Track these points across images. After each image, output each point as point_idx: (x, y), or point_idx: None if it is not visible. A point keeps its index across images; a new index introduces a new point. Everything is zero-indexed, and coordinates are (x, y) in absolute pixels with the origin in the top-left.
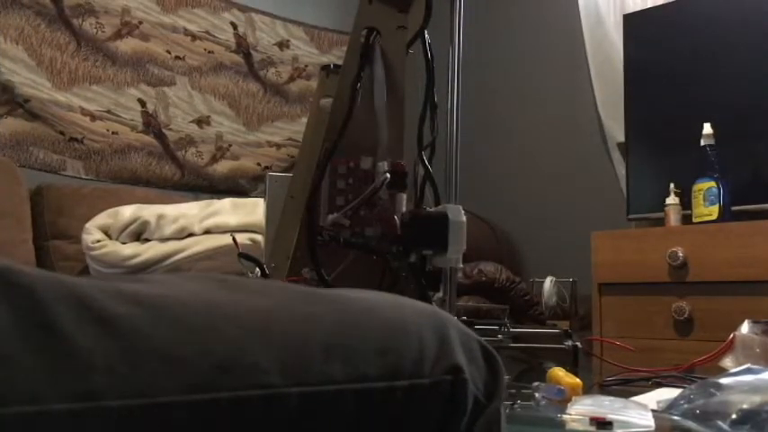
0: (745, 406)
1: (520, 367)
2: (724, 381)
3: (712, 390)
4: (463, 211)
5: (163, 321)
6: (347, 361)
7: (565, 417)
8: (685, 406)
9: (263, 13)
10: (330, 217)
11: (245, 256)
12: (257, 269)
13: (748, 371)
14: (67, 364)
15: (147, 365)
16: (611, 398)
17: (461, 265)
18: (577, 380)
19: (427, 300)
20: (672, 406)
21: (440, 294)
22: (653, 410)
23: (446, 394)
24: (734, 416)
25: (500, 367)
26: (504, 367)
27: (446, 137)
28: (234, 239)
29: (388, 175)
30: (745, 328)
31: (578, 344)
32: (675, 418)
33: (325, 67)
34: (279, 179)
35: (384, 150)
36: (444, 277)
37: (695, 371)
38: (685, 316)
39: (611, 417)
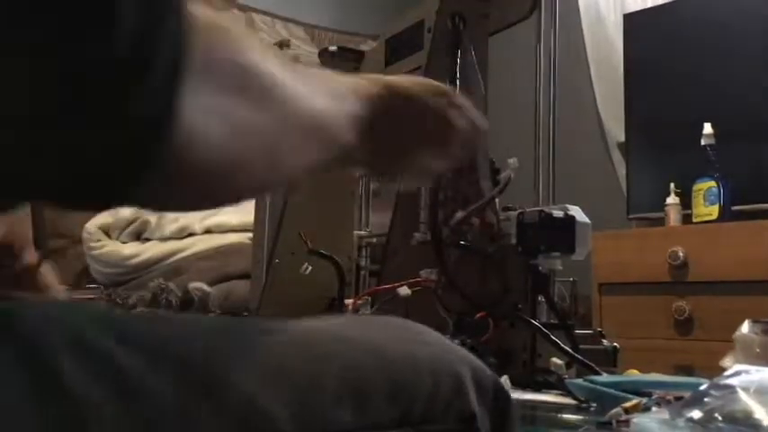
0: None
1: None
2: (735, 381)
3: (728, 392)
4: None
5: (165, 371)
6: (357, 407)
7: None
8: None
9: (263, 12)
10: (457, 215)
11: (318, 253)
12: (308, 266)
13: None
14: (73, 419)
15: (156, 424)
16: None
17: (561, 268)
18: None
19: (556, 311)
20: (686, 406)
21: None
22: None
23: None
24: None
25: (513, 411)
26: (516, 410)
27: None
28: (301, 235)
29: (512, 173)
30: (745, 327)
31: (616, 345)
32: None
33: (324, 51)
34: None
35: (483, 144)
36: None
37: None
38: (685, 316)
39: None
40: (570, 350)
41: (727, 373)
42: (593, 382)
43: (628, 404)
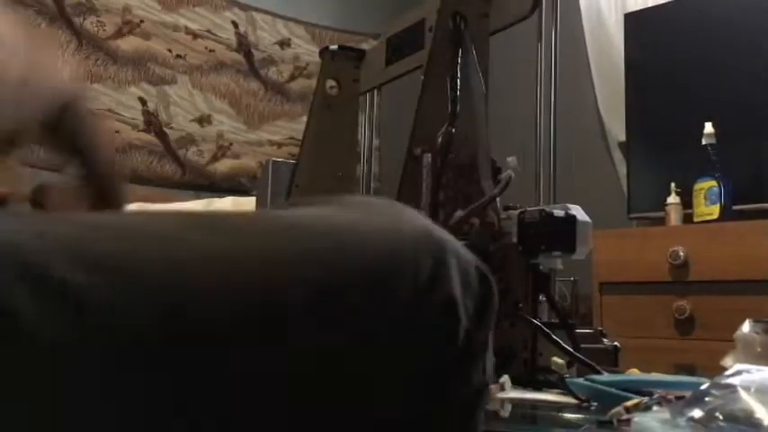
0: None
1: None
2: (735, 381)
3: (729, 392)
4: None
5: (118, 286)
6: (335, 306)
7: None
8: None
9: (265, 11)
10: (456, 214)
11: None
12: None
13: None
14: (31, 353)
15: (104, 342)
16: None
17: (561, 267)
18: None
19: (557, 310)
20: (687, 406)
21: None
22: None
23: (438, 329)
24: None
25: (493, 295)
26: (496, 293)
27: (536, 137)
28: None
29: (512, 173)
30: (746, 327)
31: (617, 344)
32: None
33: (325, 50)
34: (282, 166)
35: (485, 142)
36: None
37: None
38: (686, 315)
39: None
40: (571, 349)
41: (727, 373)
42: (594, 381)
43: (629, 403)
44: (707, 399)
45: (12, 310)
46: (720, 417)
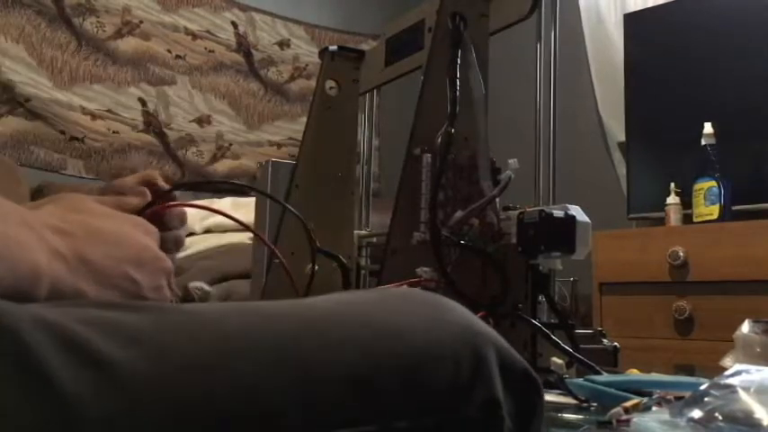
0: None
1: None
2: (735, 381)
3: (728, 392)
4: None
5: (165, 363)
6: (369, 398)
7: None
8: (705, 410)
9: (264, 12)
10: (456, 215)
11: (324, 252)
12: (312, 265)
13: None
14: (63, 416)
15: (150, 417)
16: None
17: (561, 267)
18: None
19: (557, 310)
20: (686, 406)
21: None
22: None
23: (478, 429)
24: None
25: (541, 398)
26: (544, 399)
27: (535, 137)
28: (310, 234)
29: (512, 173)
30: (745, 327)
31: (617, 344)
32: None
33: (324, 50)
34: (281, 167)
35: (484, 143)
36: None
37: (695, 370)
38: (686, 315)
39: None
40: (570, 350)
41: (727, 373)
42: (594, 381)
43: (628, 403)
44: (707, 399)
45: (49, 375)
46: (720, 417)
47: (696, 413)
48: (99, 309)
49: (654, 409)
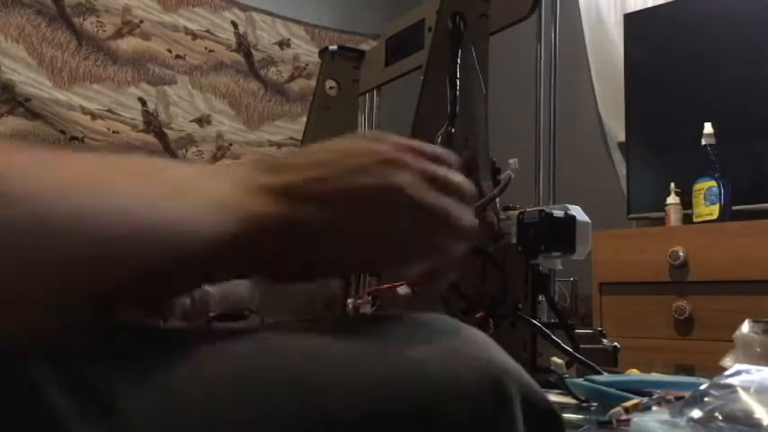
0: None
1: None
2: (735, 381)
3: (728, 392)
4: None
5: (175, 412)
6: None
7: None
8: (705, 410)
9: (264, 12)
10: None
11: None
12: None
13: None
14: None
15: None
16: None
17: (561, 267)
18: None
19: (557, 310)
20: (687, 406)
21: None
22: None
23: None
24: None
25: None
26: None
27: (536, 137)
28: None
29: (512, 174)
30: (745, 327)
31: (617, 344)
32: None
33: (324, 50)
34: None
35: (484, 143)
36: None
37: (695, 370)
38: (686, 315)
39: None
40: (571, 350)
41: (727, 373)
42: (594, 381)
43: (628, 403)
44: (707, 399)
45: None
46: (720, 417)
47: (696, 413)
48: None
49: (654, 409)
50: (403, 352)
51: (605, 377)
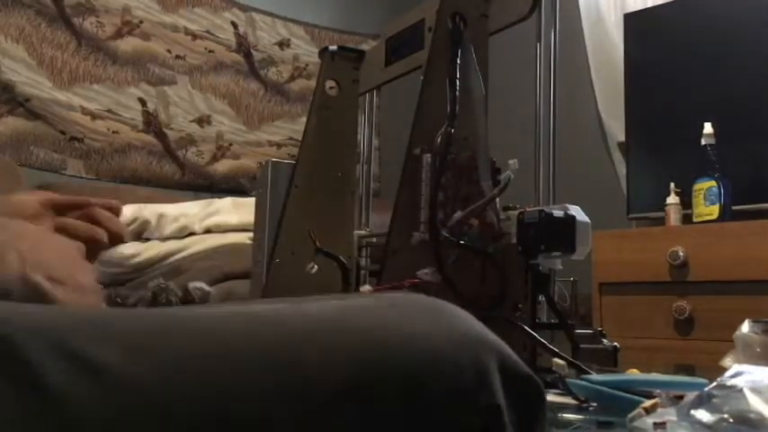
0: None
1: None
2: (740, 381)
3: (733, 393)
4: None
5: (157, 368)
6: (364, 405)
7: None
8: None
9: (264, 12)
10: (456, 215)
11: (324, 252)
12: (313, 265)
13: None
14: (63, 427)
15: (146, 425)
16: None
17: (561, 267)
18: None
19: (557, 310)
20: (693, 407)
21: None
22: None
23: None
24: None
25: (544, 403)
26: (546, 404)
27: (535, 137)
28: (311, 234)
29: (512, 174)
30: (745, 327)
31: (617, 344)
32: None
33: (324, 50)
34: (281, 167)
35: (484, 144)
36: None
37: (695, 370)
38: (686, 315)
39: None
40: (557, 350)
41: (729, 374)
42: (594, 381)
43: (647, 404)
44: (714, 400)
45: (44, 383)
46: (730, 419)
47: (704, 415)
48: (91, 314)
49: (659, 410)
50: (383, 325)
51: (605, 377)
